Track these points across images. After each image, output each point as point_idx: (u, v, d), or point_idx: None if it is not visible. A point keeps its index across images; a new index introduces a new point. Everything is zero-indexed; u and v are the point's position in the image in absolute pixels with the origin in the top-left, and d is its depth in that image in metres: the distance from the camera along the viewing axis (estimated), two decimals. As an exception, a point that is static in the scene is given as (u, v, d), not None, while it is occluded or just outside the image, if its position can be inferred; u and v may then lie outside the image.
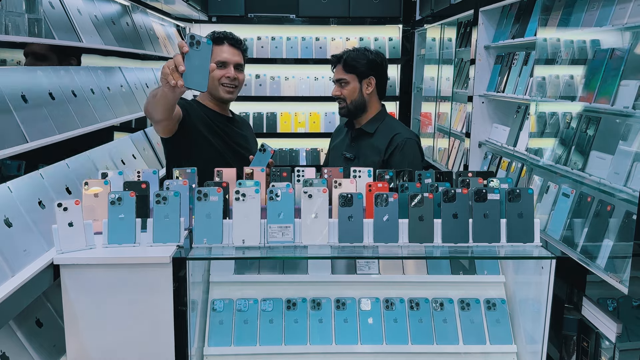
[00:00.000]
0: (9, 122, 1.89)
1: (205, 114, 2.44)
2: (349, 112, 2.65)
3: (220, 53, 2.39)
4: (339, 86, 2.63)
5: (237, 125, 2.59)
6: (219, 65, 2.39)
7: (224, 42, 2.42)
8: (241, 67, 2.46)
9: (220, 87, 2.42)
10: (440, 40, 5.10)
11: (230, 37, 2.43)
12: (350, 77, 2.60)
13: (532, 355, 1.86)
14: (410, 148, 2.54)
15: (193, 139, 2.37)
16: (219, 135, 2.44)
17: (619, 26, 2.19)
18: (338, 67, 2.64)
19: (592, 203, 2.23)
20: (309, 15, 5.71)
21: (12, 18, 1.93)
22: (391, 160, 2.51)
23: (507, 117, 3.81)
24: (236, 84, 2.45)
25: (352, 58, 2.61)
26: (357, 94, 2.61)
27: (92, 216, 1.80)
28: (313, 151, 5.97)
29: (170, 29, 5.03)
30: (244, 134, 2.60)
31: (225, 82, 2.42)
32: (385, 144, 2.54)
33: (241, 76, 2.46)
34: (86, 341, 1.71)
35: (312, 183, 1.87)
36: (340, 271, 2.06)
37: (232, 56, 2.41)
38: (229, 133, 2.49)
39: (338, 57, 2.66)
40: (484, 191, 1.79)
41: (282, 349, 1.92)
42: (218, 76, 2.40)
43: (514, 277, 2.02)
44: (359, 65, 2.60)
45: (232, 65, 2.41)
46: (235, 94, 2.47)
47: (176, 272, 1.69)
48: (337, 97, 2.64)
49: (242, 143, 2.54)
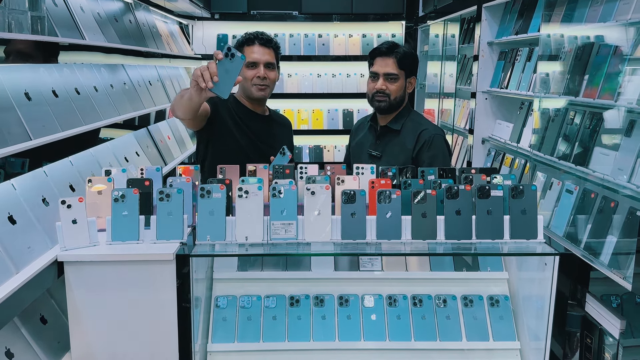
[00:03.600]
0: (12, 119, 1.89)
1: (236, 111, 2.50)
2: (390, 108, 2.53)
3: (250, 54, 2.44)
4: (387, 81, 2.48)
5: (270, 124, 2.62)
6: (250, 65, 2.44)
7: (255, 42, 2.47)
8: (272, 65, 2.49)
9: (253, 87, 2.47)
10: (444, 36, 5.09)
11: (260, 36, 2.48)
12: (401, 73, 2.49)
13: (536, 351, 1.86)
14: (438, 144, 2.49)
15: (219, 133, 2.45)
16: (244, 132, 2.49)
17: (623, 22, 2.18)
18: (388, 60, 2.48)
19: (595, 199, 2.22)
20: (311, 12, 5.71)
21: (15, 16, 1.93)
22: (420, 158, 2.46)
23: (511, 113, 3.80)
24: (267, 82, 2.48)
25: (407, 54, 2.50)
26: (402, 91, 2.52)
27: (95, 213, 1.80)
28: (316, 148, 5.97)
29: (173, 27, 5.03)
30: (274, 132, 2.61)
31: (257, 81, 2.46)
32: (413, 142, 2.49)
33: (272, 74, 2.50)
34: (90, 338, 1.72)
35: (315, 180, 1.87)
36: (343, 268, 2.07)
37: (261, 56, 2.45)
38: (256, 130, 2.53)
39: (389, 49, 2.49)
40: (487, 188, 1.79)
41: (285, 345, 1.93)
42: (250, 76, 2.44)
43: (517, 273, 2.02)
44: (411, 66, 2.52)
45: (262, 65, 2.45)
46: (267, 92, 2.51)
47: (180, 269, 1.70)
48: (380, 91, 2.49)
49: (268, 141, 2.55)
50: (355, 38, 5.82)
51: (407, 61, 2.50)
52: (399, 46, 2.52)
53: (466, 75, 4.50)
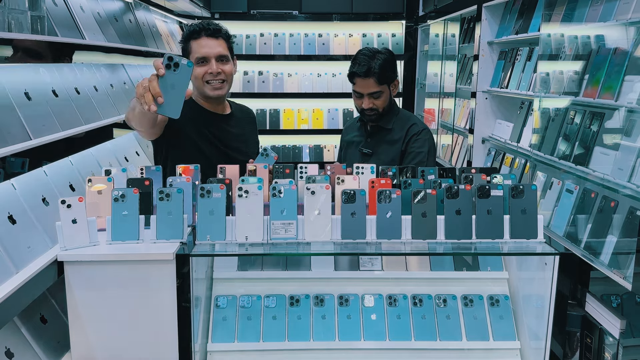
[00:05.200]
0: (12, 119, 1.89)
1: (197, 116, 2.29)
2: (380, 118, 2.56)
3: (198, 48, 2.20)
4: (371, 99, 2.49)
5: (235, 123, 2.42)
6: (199, 61, 2.20)
7: (202, 35, 2.20)
8: (225, 57, 2.23)
9: (206, 85, 2.23)
10: (444, 36, 5.08)
11: (207, 27, 2.21)
12: (384, 87, 2.49)
13: (536, 351, 1.86)
14: (426, 136, 2.55)
15: (176, 139, 2.24)
16: (203, 136, 2.27)
17: (623, 21, 2.18)
18: (368, 80, 2.45)
19: (595, 199, 2.22)
20: (311, 11, 5.71)
21: (14, 15, 1.93)
22: (409, 148, 2.51)
23: (511, 113, 3.80)
24: (222, 77, 2.23)
25: (383, 68, 2.45)
26: (388, 100, 2.54)
27: (95, 213, 1.80)
28: (316, 148, 5.96)
29: (173, 26, 5.03)
30: (241, 132, 2.43)
31: (209, 78, 2.22)
32: (402, 136, 2.55)
33: (227, 67, 2.24)
34: (90, 337, 1.72)
35: (315, 180, 1.87)
36: (343, 267, 2.07)
37: (211, 49, 2.20)
38: (222, 137, 2.33)
39: (367, 71, 2.44)
40: (487, 187, 1.79)
41: (286, 345, 1.93)
42: (200, 74, 2.21)
43: (518, 273, 2.02)
44: (390, 74, 2.51)
45: (213, 59, 2.20)
46: (224, 89, 2.27)
47: (179, 269, 1.70)
48: (368, 109, 2.50)
49: (237, 146, 2.38)
50: (355, 38, 5.82)
51: (386, 74, 2.48)
52: (375, 59, 2.44)
53: (466, 74, 4.49)
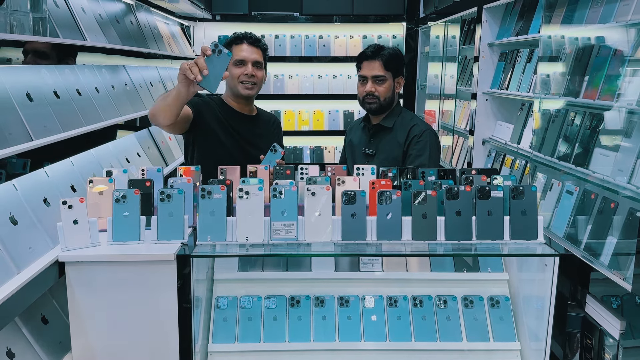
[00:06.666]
0: (14, 120, 1.90)
1: (222, 113, 2.51)
2: (381, 108, 2.57)
3: (239, 52, 2.47)
4: (375, 83, 2.53)
5: (258, 124, 2.63)
6: (238, 63, 2.46)
7: (243, 42, 2.50)
8: (260, 64, 2.52)
9: (239, 85, 2.49)
10: (444, 37, 5.09)
11: (249, 36, 2.52)
12: (388, 74, 2.54)
13: (536, 352, 1.86)
14: (428, 137, 2.55)
15: (203, 134, 2.46)
16: (228, 133, 2.50)
17: (623, 23, 2.18)
18: (374, 63, 2.53)
19: (595, 200, 2.22)
20: (312, 13, 5.71)
21: (16, 17, 1.94)
22: (409, 150, 2.52)
23: (511, 114, 3.81)
24: (254, 80, 2.50)
25: (392, 56, 2.54)
26: (390, 92, 2.57)
27: (96, 214, 1.81)
28: (317, 149, 5.97)
29: (175, 28, 5.04)
30: (262, 132, 2.61)
31: (244, 79, 2.48)
32: (404, 136, 2.55)
33: (260, 73, 2.52)
34: (91, 338, 1.73)
35: (315, 181, 1.88)
36: (343, 269, 2.07)
37: (250, 54, 2.48)
38: (242, 131, 2.54)
39: (375, 52, 2.54)
40: (488, 188, 1.79)
41: (286, 346, 1.93)
42: (237, 74, 2.47)
43: (518, 274, 2.02)
44: (397, 66, 2.57)
45: (250, 63, 2.47)
46: (254, 90, 2.52)
47: (180, 270, 1.70)
48: (369, 94, 2.54)
49: (255, 142, 2.56)
50: (356, 39, 5.82)
51: (393, 62, 2.55)
52: (385, 48, 2.56)
53: (467, 76, 4.50)
